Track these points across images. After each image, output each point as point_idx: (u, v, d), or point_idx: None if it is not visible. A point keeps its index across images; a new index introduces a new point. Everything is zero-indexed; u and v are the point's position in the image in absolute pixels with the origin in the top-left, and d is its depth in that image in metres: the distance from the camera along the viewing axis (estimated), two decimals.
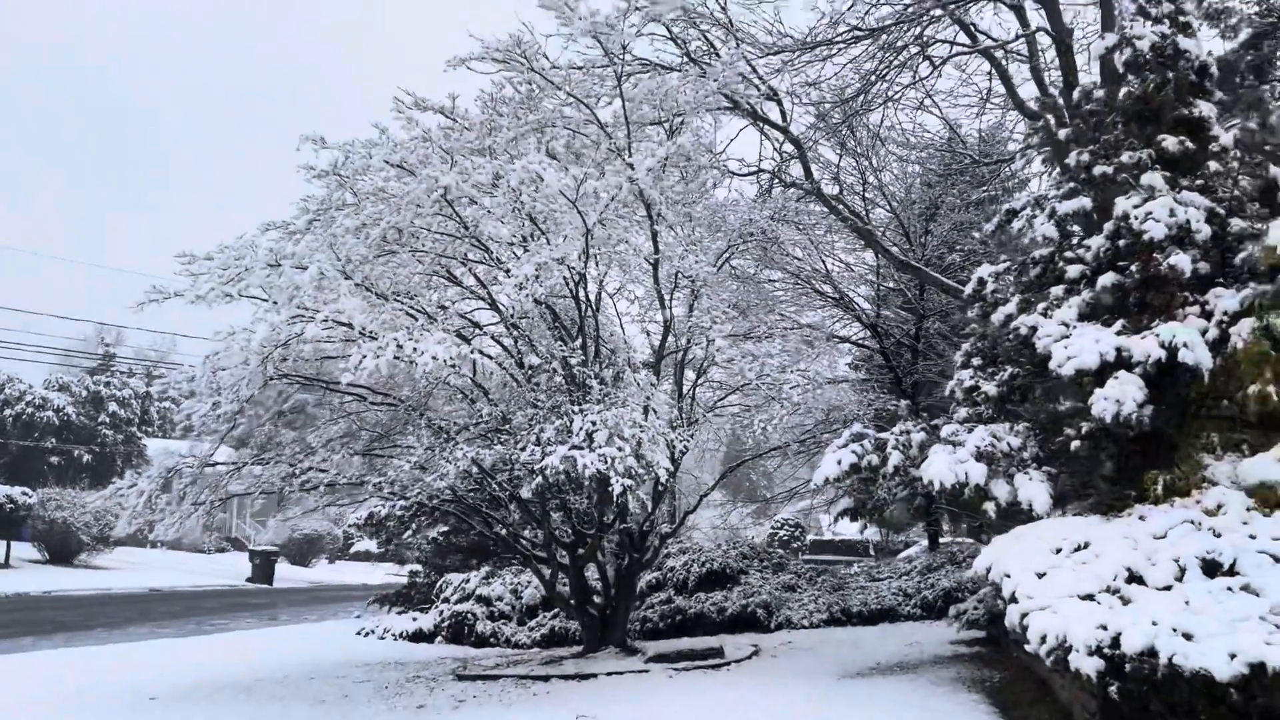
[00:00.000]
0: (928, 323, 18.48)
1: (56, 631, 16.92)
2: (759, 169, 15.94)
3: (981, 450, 7.40)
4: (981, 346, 8.64)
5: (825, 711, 7.35)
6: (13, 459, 42.83)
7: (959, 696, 7.55)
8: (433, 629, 15.39)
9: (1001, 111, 17.03)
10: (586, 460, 7.87)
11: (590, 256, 9.63)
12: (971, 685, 7.99)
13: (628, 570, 11.36)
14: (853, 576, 16.12)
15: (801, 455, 17.70)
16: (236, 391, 8.39)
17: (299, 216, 9.69)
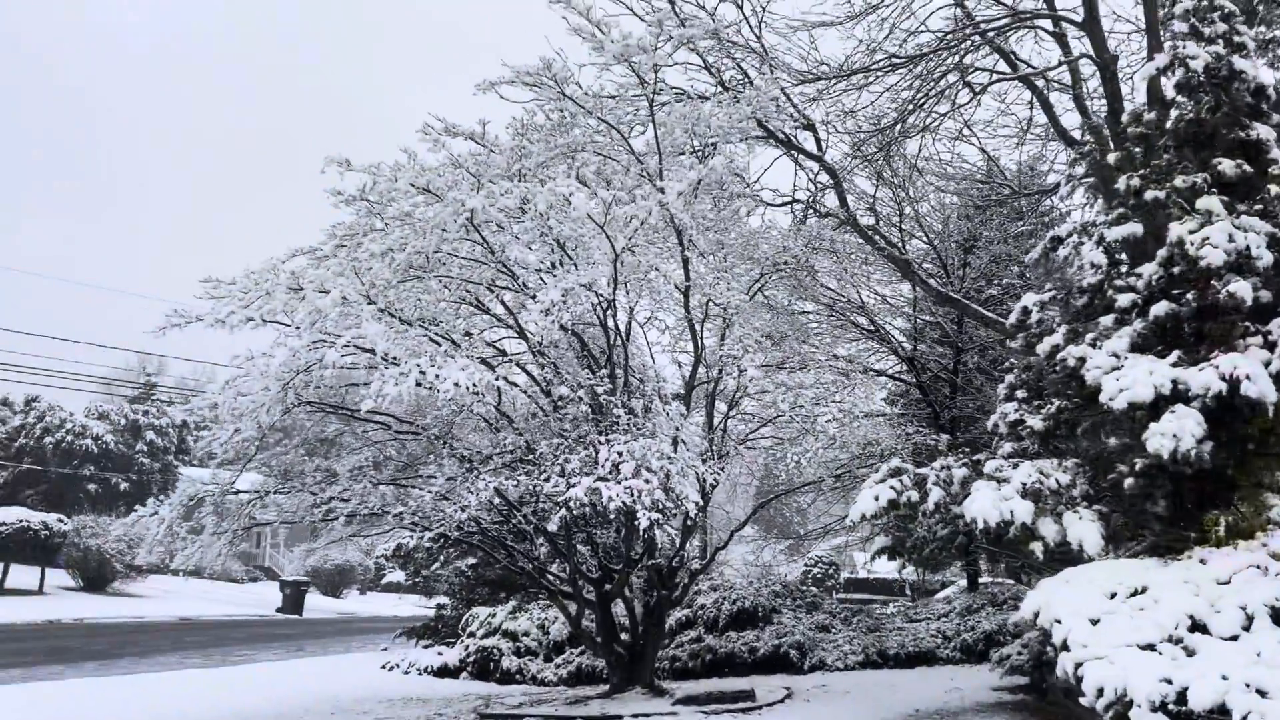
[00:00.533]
0: (966, 356, 18.08)
1: (85, 660, 16.82)
2: (793, 199, 15.69)
3: (1028, 487, 7.03)
4: (1026, 378, 8.28)
5: None
6: (52, 486, 43.21)
7: None
8: (458, 664, 15.08)
9: (1042, 142, 16.69)
10: (612, 492, 7.59)
11: (619, 283, 9.41)
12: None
13: (656, 607, 11.02)
14: (889, 617, 15.63)
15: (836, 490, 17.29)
16: (256, 418, 8.22)
17: (326, 243, 9.57)
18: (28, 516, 28.37)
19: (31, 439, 43.53)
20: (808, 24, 13.73)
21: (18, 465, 42.85)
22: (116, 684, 13.62)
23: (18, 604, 25.79)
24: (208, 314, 7.64)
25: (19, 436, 43.57)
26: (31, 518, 28.39)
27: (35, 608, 25.53)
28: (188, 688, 13.31)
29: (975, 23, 13.29)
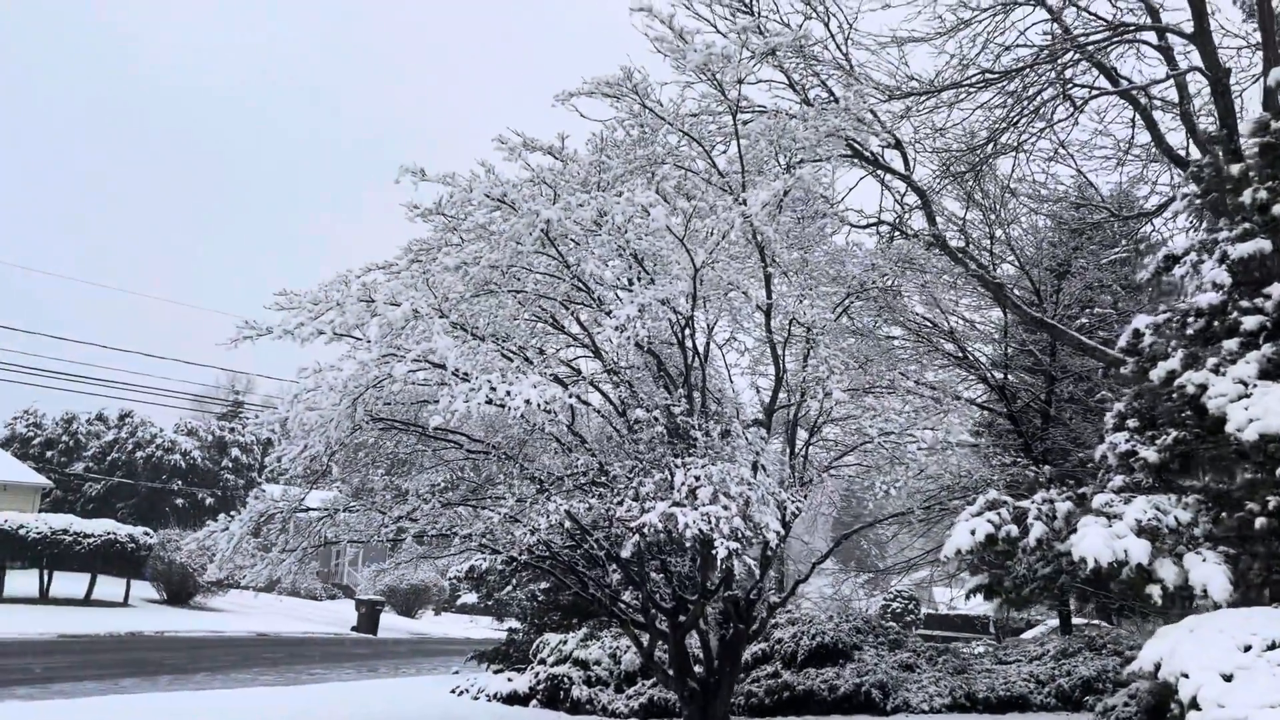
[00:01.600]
0: (1059, 386, 17.28)
1: (161, 673, 16.99)
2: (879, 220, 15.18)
3: (1143, 524, 6.43)
4: (1138, 406, 7.66)
5: None
6: (141, 500, 44.47)
7: None
8: (528, 691, 14.77)
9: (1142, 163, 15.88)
10: (688, 519, 7.19)
11: (698, 300, 9.04)
12: None
13: (732, 640, 10.54)
14: (977, 658, 14.85)
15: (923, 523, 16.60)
16: (325, 433, 8.05)
17: (402, 258, 9.43)
18: (115, 529, 29.05)
19: (123, 453, 44.93)
20: (897, 40, 13.31)
21: (110, 479, 44.21)
22: (188, 699, 13.65)
23: (103, 615, 26.39)
24: (277, 326, 7.51)
25: (112, 450, 44.99)
26: (119, 530, 29.07)
27: (119, 619, 26.07)
28: (259, 704, 13.27)
29: (1073, 37, 12.70)
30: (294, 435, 8.73)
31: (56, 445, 44.71)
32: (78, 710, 11.90)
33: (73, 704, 12.49)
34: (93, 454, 44.89)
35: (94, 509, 40.79)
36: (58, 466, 43.47)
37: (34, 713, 11.54)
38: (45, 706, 12.14)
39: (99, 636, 23.01)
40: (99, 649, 20.68)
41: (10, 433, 44.64)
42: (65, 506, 39.65)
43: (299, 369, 7.78)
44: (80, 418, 45.87)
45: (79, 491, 43.70)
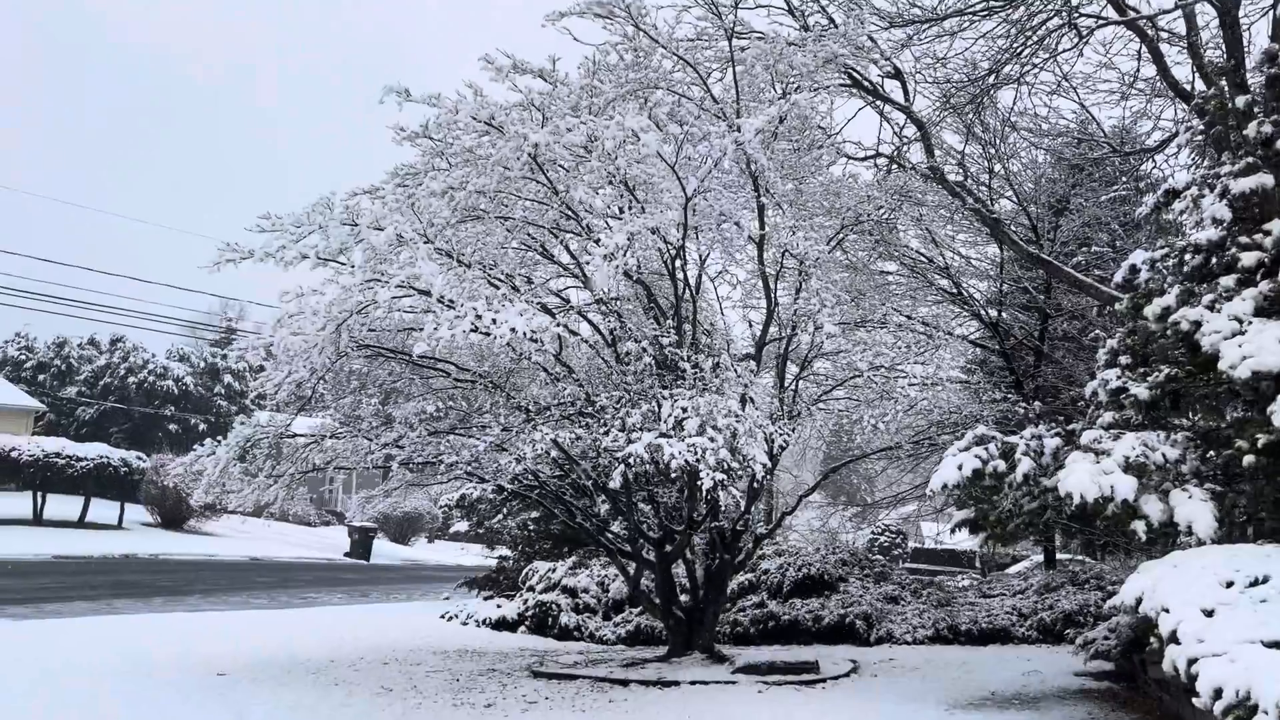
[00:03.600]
0: (1053, 324, 17.22)
1: (154, 595, 17.13)
2: (877, 153, 14.94)
3: (1130, 461, 6.40)
4: (1131, 343, 7.58)
5: None
6: (135, 425, 44.55)
7: None
8: (516, 617, 14.92)
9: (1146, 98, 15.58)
10: (674, 450, 7.15)
11: (689, 230, 8.89)
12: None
13: (718, 571, 10.61)
14: (961, 591, 15.00)
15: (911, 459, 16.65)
16: (309, 359, 7.95)
17: (387, 182, 9.23)
18: (108, 453, 29.10)
19: (116, 378, 44.88)
20: None
21: (102, 403, 44.22)
22: (179, 620, 13.76)
23: (97, 538, 26.55)
24: (259, 249, 7.35)
25: (104, 375, 44.94)
26: (111, 454, 29.12)
27: (113, 542, 26.24)
28: (248, 627, 13.38)
29: None
30: (279, 360, 8.64)
31: (49, 369, 44.63)
32: (70, 629, 11.98)
33: (65, 623, 12.59)
34: (85, 378, 44.84)
35: (87, 433, 40.87)
36: (50, 390, 43.44)
37: (27, 630, 11.63)
38: (38, 625, 12.23)
39: (93, 558, 23.17)
40: (92, 570, 20.83)
41: (2, 355, 44.51)
42: (58, 430, 39.71)
43: (281, 292, 7.66)
44: (72, 342, 45.72)
45: (72, 416, 43.74)
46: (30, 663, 9.42)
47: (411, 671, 10.08)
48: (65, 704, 7.78)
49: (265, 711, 7.80)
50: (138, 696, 8.20)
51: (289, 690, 8.71)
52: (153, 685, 8.69)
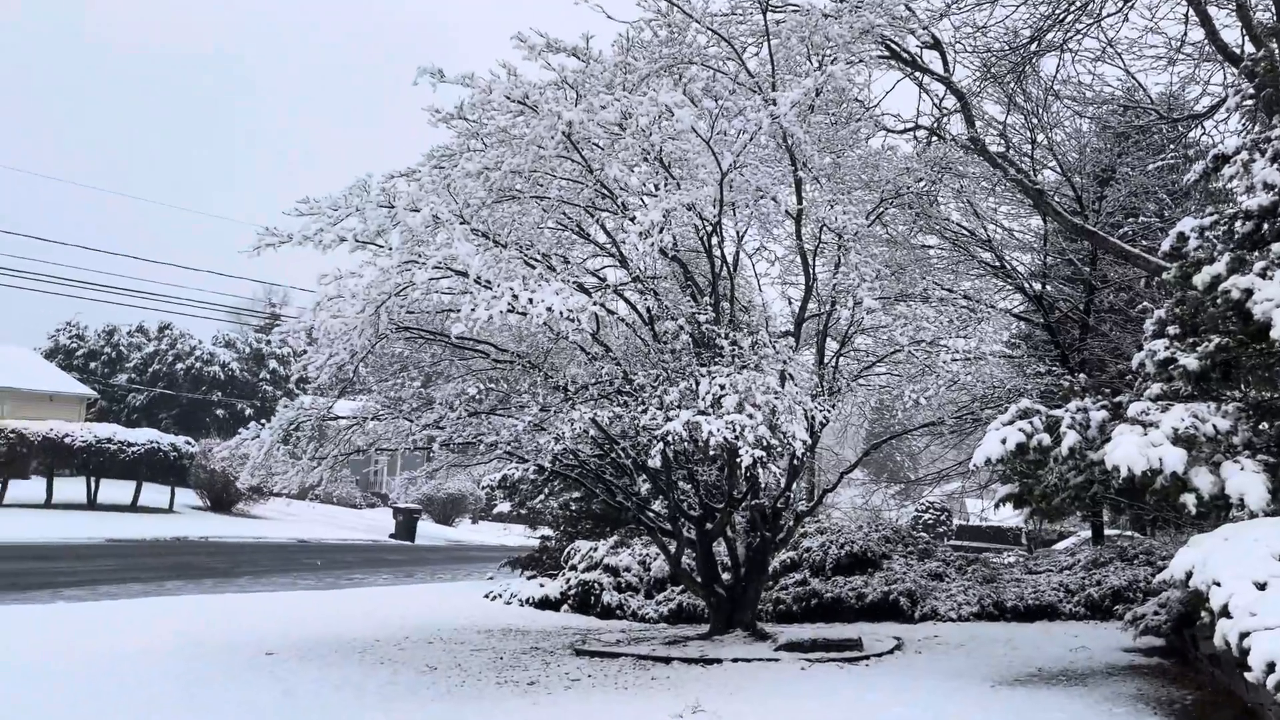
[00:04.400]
0: (1099, 296, 16.89)
1: (205, 577, 17.46)
2: (916, 124, 14.71)
3: (1179, 433, 6.26)
4: (1179, 313, 7.41)
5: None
6: (183, 410, 45.37)
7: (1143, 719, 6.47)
8: (559, 596, 15.03)
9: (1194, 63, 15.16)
10: (712, 427, 7.12)
11: (725, 206, 8.81)
12: (1156, 706, 6.87)
13: (759, 549, 10.58)
14: (1006, 567, 14.85)
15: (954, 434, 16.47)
16: (349, 341, 8.02)
17: (423, 164, 9.25)
18: (158, 438, 29.68)
19: (164, 365, 45.70)
20: None
21: (151, 390, 45.07)
22: (229, 601, 14.03)
23: (149, 521, 27.12)
24: (297, 232, 7.41)
25: (153, 362, 45.77)
26: (161, 439, 29.70)
27: (164, 525, 26.79)
28: (296, 607, 13.60)
29: None
30: (320, 343, 8.72)
31: (99, 357, 45.52)
32: (125, 610, 12.26)
33: (120, 604, 12.88)
34: (134, 365, 45.71)
35: (137, 419, 41.70)
36: (101, 378, 44.34)
37: (84, 612, 11.91)
38: (94, 606, 12.53)
39: (145, 541, 23.67)
40: (145, 553, 21.29)
41: (54, 344, 45.45)
42: (109, 416, 40.56)
43: (320, 275, 7.71)
44: (121, 330, 46.58)
45: (122, 402, 44.64)
46: (87, 644, 9.65)
47: (456, 650, 10.19)
48: (121, 684, 7.96)
49: (313, 689, 7.93)
50: (190, 675, 8.37)
51: (336, 669, 8.84)
52: (204, 664, 8.87)
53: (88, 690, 7.69)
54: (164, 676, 8.27)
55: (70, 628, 10.61)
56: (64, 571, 16.57)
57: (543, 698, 7.67)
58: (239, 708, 7.28)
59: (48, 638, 9.87)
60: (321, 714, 7.11)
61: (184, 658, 9.11)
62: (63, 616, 11.48)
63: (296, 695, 7.70)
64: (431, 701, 7.57)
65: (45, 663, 8.65)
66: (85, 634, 10.23)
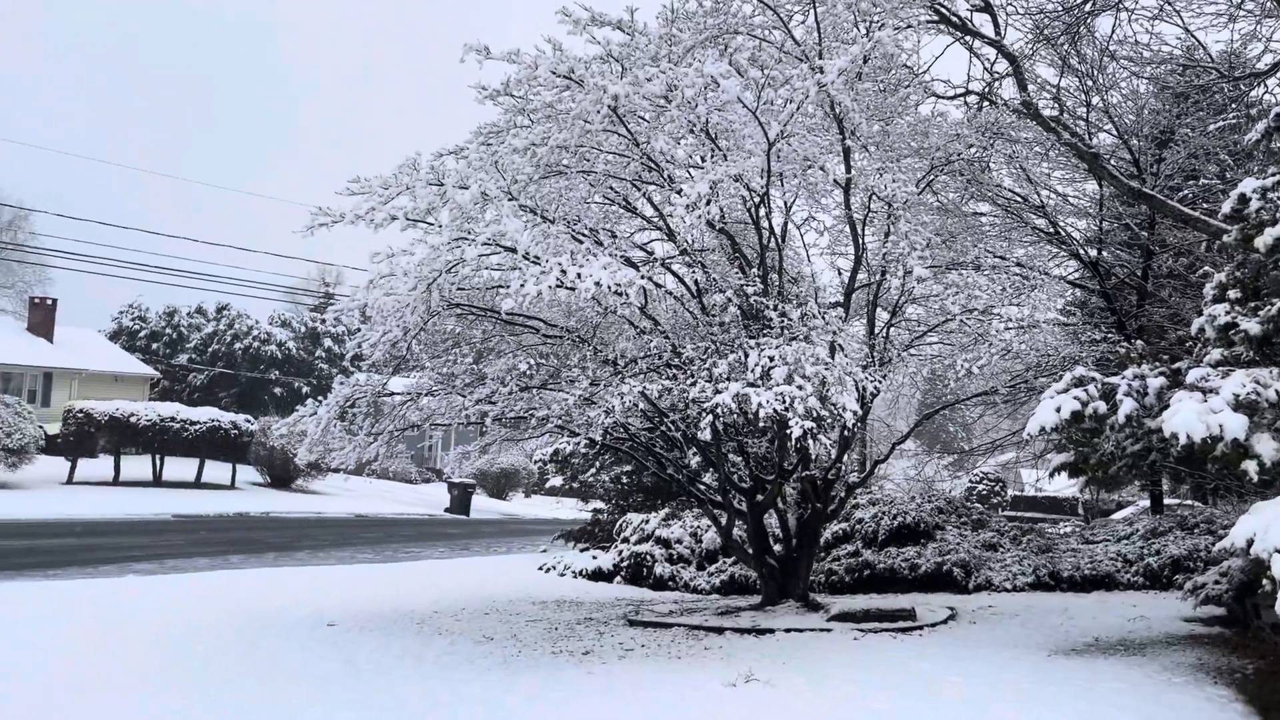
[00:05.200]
0: (1157, 261, 16.50)
1: (266, 551, 17.93)
2: (966, 90, 14.44)
3: (1240, 399, 6.14)
4: (1240, 277, 7.25)
5: (1038, 696, 6.38)
6: (242, 389, 46.37)
7: (1204, 689, 6.39)
8: (612, 568, 15.18)
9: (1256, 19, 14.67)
10: (762, 399, 7.13)
11: (773, 176, 8.76)
12: (1217, 676, 6.78)
13: (810, 520, 10.58)
14: (1062, 537, 14.68)
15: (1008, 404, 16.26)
16: (401, 318, 8.14)
17: (471, 142, 9.31)
18: (219, 416, 30.41)
19: (223, 345, 46.69)
20: None
21: (211, 369, 46.09)
22: (290, 574, 14.39)
23: (212, 497, 27.86)
24: (349, 211, 7.53)
25: (212, 342, 46.78)
26: (222, 417, 30.42)
27: (227, 501, 27.50)
28: (355, 580, 13.92)
29: None
30: (373, 321, 8.86)
31: (160, 338, 46.62)
32: (191, 584, 12.65)
33: (186, 578, 13.29)
34: (194, 346, 46.74)
35: (198, 398, 42.70)
36: (163, 358, 45.42)
37: (153, 585, 12.31)
38: (162, 580, 12.94)
39: (208, 516, 24.32)
40: (209, 528, 21.89)
41: (117, 326, 46.63)
42: (172, 396, 41.58)
43: (372, 254, 7.83)
44: (181, 311, 47.62)
45: (184, 381, 45.71)
46: (156, 615, 9.98)
47: (511, 621, 10.36)
48: (188, 653, 8.24)
49: (373, 658, 8.13)
50: (254, 645, 8.63)
51: (395, 639, 9.05)
52: (268, 635, 9.13)
53: (159, 658, 7.97)
54: (229, 646, 8.54)
55: (141, 600, 10.98)
56: (133, 546, 17.11)
57: (597, 667, 7.79)
58: (303, 677, 7.50)
59: (119, 609, 10.22)
60: (382, 682, 7.29)
61: (249, 629, 9.38)
62: (132, 589, 11.87)
63: (357, 664, 7.90)
64: (488, 671, 7.72)
65: (118, 633, 8.97)
66: (154, 606, 10.58)
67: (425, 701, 6.71)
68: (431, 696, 6.83)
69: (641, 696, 6.70)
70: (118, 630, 9.10)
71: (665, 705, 6.46)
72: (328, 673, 7.62)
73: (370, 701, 6.75)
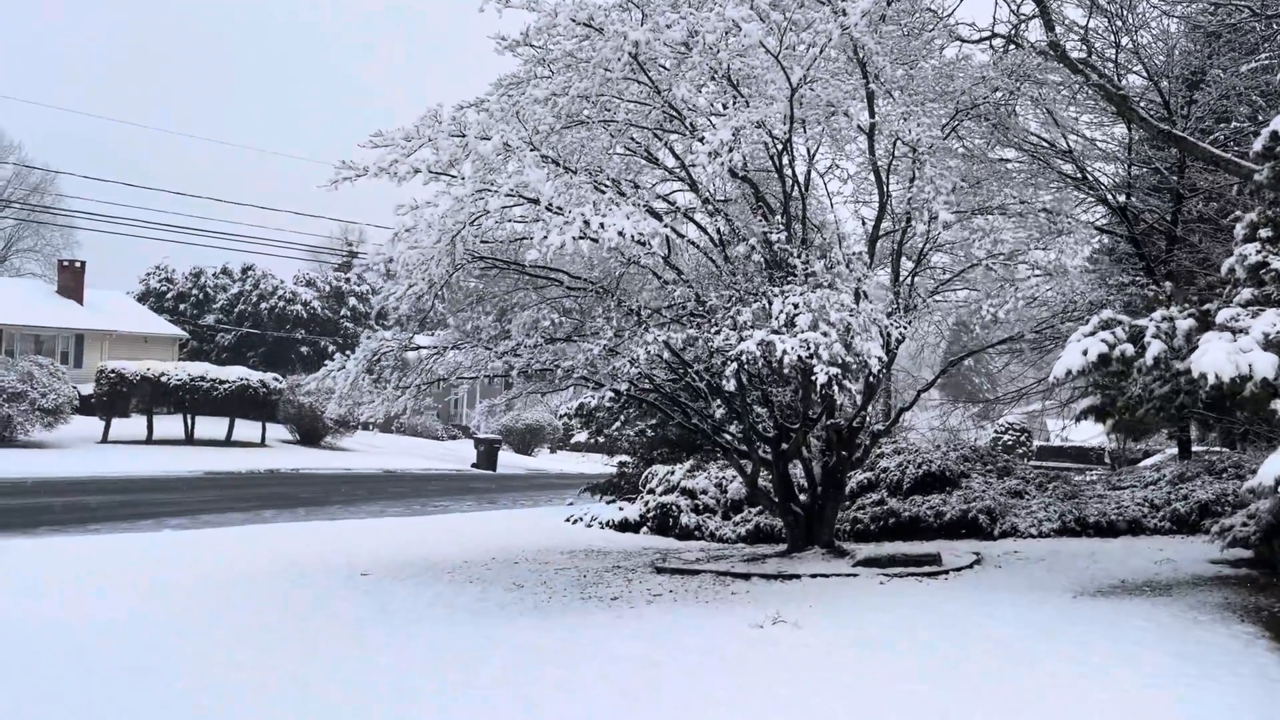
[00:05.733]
0: (1187, 205, 16.26)
1: (298, 506, 18.21)
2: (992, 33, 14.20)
3: (1271, 338, 6.10)
4: (1272, 215, 7.15)
5: (1063, 634, 6.45)
6: (269, 348, 46.81)
7: (1230, 627, 6.43)
8: (638, 519, 15.34)
9: None
10: (786, 345, 7.14)
11: (795, 122, 8.68)
12: (1244, 614, 6.81)
13: (835, 468, 10.63)
14: (1088, 484, 14.68)
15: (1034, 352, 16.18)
16: (426, 271, 8.18)
17: (492, 94, 9.29)
18: (248, 375, 30.75)
19: (249, 305, 47.06)
20: None
21: (238, 329, 46.52)
22: (323, 528, 14.63)
23: (243, 455, 28.27)
24: (373, 164, 7.55)
25: (238, 303, 47.16)
26: (251, 376, 30.76)
27: (257, 458, 27.90)
28: (386, 533, 14.15)
29: None
30: (398, 275, 8.92)
31: (188, 299, 47.04)
32: (226, 537, 12.91)
33: (222, 532, 13.55)
34: (221, 306, 47.14)
35: (227, 358, 43.15)
36: (190, 319, 45.87)
37: (190, 539, 12.57)
38: (198, 534, 13.21)
39: (240, 473, 24.70)
40: (240, 485, 22.24)
41: (145, 288, 47.07)
42: (200, 356, 42.07)
43: (396, 206, 7.86)
44: (207, 272, 47.97)
45: (212, 342, 46.19)
46: (194, 566, 10.21)
47: (541, 570, 10.52)
48: (229, 601, 8.44)
49: (407, 605, 8.30)
50: (291, 594, 8.83)
51: (427, 587, 9.22)
52: (303, 584, 9.34)
53: (199, 608, 8.17)
54: (267, 595, 8.74)
55: (179, 553, 11.22)
56: (167, 502, 17.44)
57: (626, 611, 7.92)
58: (339, 622, 7.68)
59: (158, 563, 10.46)
60: (416, 628, 7.45)
61: (284, 579, 9.59)
62: (169, 543, 12.13)
63: (391, 611, 8.07)
64: (520, 616, 7.87)
65: (158, 585, 9.19)
66: (192, 558, 10.82)
67: (459, 645, 6.86)
68: (465, 640, 6.99)
69: (670, 638, 6.82)
70: (156, 582, 9.32)
71: (693, 646, 6.57)
72: (362, 618, 7.80)
73: (406, 646, 6.91)
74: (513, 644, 6.85)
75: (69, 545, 11.62)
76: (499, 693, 5.78)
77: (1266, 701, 5.17)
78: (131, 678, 6.13)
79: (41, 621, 7.50)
